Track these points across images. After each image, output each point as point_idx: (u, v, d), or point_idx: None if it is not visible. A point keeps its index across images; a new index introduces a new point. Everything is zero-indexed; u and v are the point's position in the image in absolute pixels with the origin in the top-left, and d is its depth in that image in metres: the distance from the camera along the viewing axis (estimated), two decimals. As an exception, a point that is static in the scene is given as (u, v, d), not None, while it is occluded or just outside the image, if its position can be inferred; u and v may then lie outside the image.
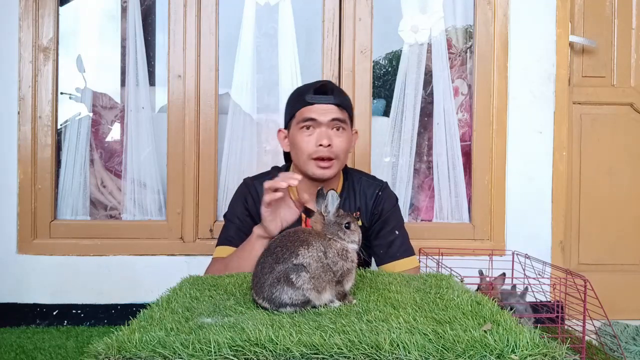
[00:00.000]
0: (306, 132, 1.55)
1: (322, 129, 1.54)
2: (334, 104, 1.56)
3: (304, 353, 0.76)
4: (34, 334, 2.13)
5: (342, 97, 1.61)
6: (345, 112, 1.60)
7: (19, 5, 2.28)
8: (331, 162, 1.56)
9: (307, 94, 1.56)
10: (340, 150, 1.57)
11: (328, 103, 1.55)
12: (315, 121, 1.54)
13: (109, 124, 2.51)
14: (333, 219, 1.07)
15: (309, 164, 1.56)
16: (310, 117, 1.54)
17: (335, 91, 1.59)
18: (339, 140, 1.56)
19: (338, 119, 1.56)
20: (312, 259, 1.00)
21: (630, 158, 2.56)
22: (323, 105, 1.54)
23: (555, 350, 0.77)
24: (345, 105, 1.61)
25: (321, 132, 1.54)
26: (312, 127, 1.55)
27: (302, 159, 1.57)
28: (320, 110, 1.54)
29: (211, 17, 2.36)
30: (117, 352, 0.77)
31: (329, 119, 1.54)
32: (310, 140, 1.54)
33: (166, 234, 2.35)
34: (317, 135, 1.54)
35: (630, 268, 2.55)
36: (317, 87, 1.57)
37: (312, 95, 1.55)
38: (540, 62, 2.44)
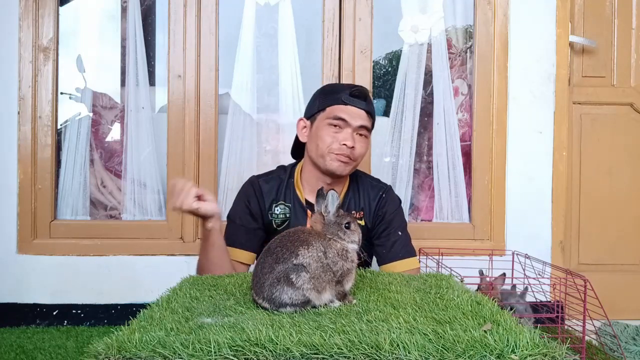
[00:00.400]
0: (334, 129, 1.60)
1: (349, 130, 1.59)
2: (366, 111, 1.62)
3: (304, 353, 0.76)
4: (34, 334, 2.13)
5: (372, 105, 1.67)
6: (372, 120, 1.66)
7: (19, 5, 2.28)
8: (349, 161, 1.61)
9: (343, 93, 1.61)
10: (359, 155, 1.63)
11: (361, 108, 1.60)
12: (346, 122, 1.59)
13: (109, 124, 2.51)
14: (333, 219, 1.07)
15: (328, 157, 1.59)
16: (342, 117, 1.59)
17: (369, 99, 1.65)
18: (360, 145, 1.62)
19: (365, 126, 1.62)
20: (312, 259, 1.00)
21: (630, 158, 2.56)
22: (356, 109, 1.59)
23: (555, 350, 0.77)
24: (373, 115, 1.67)
25: (347, 133, 1.59)
26: (340, 126, 1.60)
27: (321, 151, 1.61)
28: (352, 113, 1.59)
29: (211, 17, 2.36)
30: (117, 352, 0.77)
31: (358, 124, 1.60)
32: (337, 137, 1.59)
33: (166, 234, 2.35)
34: (344, 135, 1.59)
35: (630, 268, 2.55)
36: (354, 90, 1.62)
37: (348, 96, 1.60)
38: (540, 62, 2.44)
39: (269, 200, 1.66)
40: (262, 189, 1.66)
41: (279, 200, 1.66)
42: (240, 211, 1.66)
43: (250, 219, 1.65)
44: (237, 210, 1.67)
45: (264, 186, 1.66)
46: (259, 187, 1.66)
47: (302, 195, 1.66)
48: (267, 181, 1.68)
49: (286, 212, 1.65)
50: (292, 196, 1.66)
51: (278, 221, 1.66)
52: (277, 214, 1.65)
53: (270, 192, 1.66)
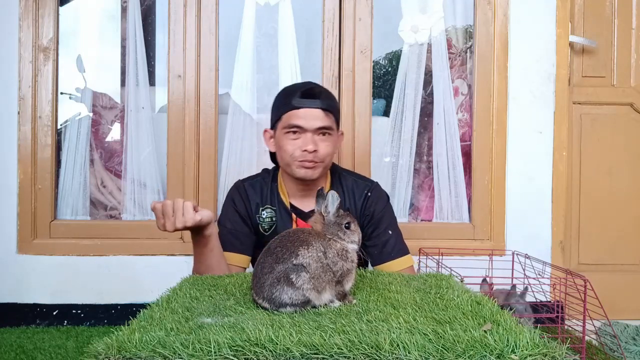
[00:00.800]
0: (292, 136, 1.55)
1: (308, 135, 1.54)
2: (321, 109, 1.54)
3: (304, 353, 0.76)
4: (34, 334, 2.13)
5: (329, 100, 1.59)
6: (332, 116, 1.58)
7: (19, 5, 2.28)
8: (316, 165, 1.56)
9: (294, 97, 1.55)
10: (325, 155, 1.57)
11: (314, 107, 1.53)
12: (301, 128, 1.54)
13: (109, 124, 2.51)
14: (333, 219, 1.07)
15: (293, 166, 1.56)
16: (297, 124, 1.54)
17: (322, 95, 1.57)
18: (324, 145, 1.56)
19: (324, 127, 1.55)
20: (312, 259, 1.00)
21: (630, 158, 2.55)
22: (309, 110, 1.53)
23: (555, 350, 0.77)
24: (332, 109, 1.59)
25: (307, 138, 1.53)
26: (298, 132, 1.55)
27: (286, 161, 1.58)
28: (306, 116, 1.53)
29: (211, 17, 2.36)
30: (117, 352, 0.77)
31: (315, 126, 1.54)
32: (296, 144, 1.54)
33: (166, 234, 2.34)
34: (303, 141, 1.54)
35: (630, 268, 2.55)
36: (304, 91, 1.56)
37: (298, 99, 1.54)
38: (540, 62, 2.44)
39: (255, 204, 1.64)
40: (247, 192, 1.65)
41: (265, 204, 1.65)
42: (230, 216, 1.65)
43: (241, 222, 1.64)
44: (227, 214, 1.66)
45: (250, 190, 1.65)
46: (245, 191, 1.65)
47: (286, 199, 1.65)
48: (252, 185, 1.67)
49: (272, 215, 1.64)
50: (277, 200, 1.65)
51: (265, 225, 1.65)
52: (264, 218, 1.64)
53: (255, 196, 1.65)
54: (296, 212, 1.64)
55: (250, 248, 1.64)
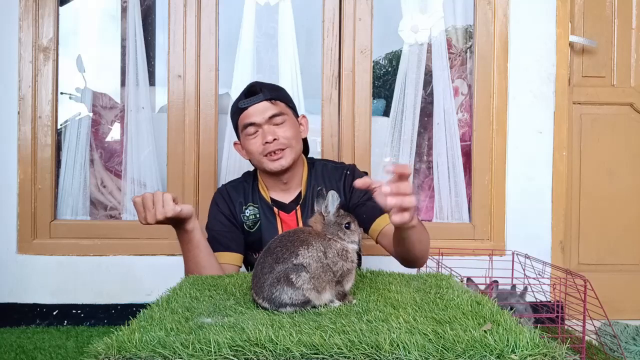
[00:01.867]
0: (251, 136, 1.62)
1: (264, 127, 1.60)
2: (265, 100, 1.61)
3: (304, 353, 0.76)
4: (34, 334, 2.13)
5: (272, 91, 1.65)
6: (279, 103, 1.64)
7: (19, 5, 2.28)
8: (283, 152, 1.60)
9: (239, 101, 1.63)
10: (287, 139, 1.61)
11: (259, 102, 1.60)
12: (255, 124, 1.60)
13: (109, 124, 2.51)
14: (333, 219, 1.07)
15: (263, 161, 1.61)
16: (249, 122, 1.60)
17: (264, 88, 1.64)
18: (282, 130, 1.61)
19: (274, 114, 1.61)
20: (312, 259, 1.00)
21: (630, 158, 2.56)
22: (255, 105, 1.60)
23: (555, 350, 0.77)
24: (277, 97, 1.65)
25: (264, 131, 1.60)
26: (255, 130, 1.61)
27: (256, 159, 1.64)
28: (254, 112, 1.60)
29: (211, 17, 2.36)
30: (117, 352, 0.77)
31: (266, 117, 1.60)
32: (257, 141, 1.61)
33: (166, 234, 2.35)
34: (261, 136, 1.60)
35: (630, 268, 2.55)
36: (246, 91, 1.64)
37: (242, 100, 1.62)
38: (540, 62, 2.44)
39: (238, 204, 1.68)
40: (230, 194, 1.69)
41: (247, 203, 1.68)
42: (217, 219, 1.68)
43: (228, 222, 1.67)
44: (213, 218, 1.69)
45: (232, 192, 1.70)
46: (227, 193, 1.70)
47: (266, 195, 1.68)
48: (234, 187, 1.72)
49: (256, 212, 1.67)
50: (259, 197, 1.69)
51: (250, 223, 1.68)
52: (248, 216, 1.68)
53: (238, 196, 1.69)
54: (277, 206, 1.67)
55: (241, 246, 1.66)
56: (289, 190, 1.67)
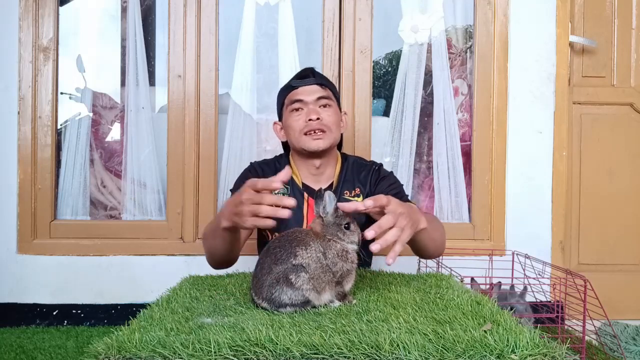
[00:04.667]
0: (296, 113, 1.65)
1: (310, 107, 1.64)
2: (317, 84, 1.66)
3: (304, 353, 0.76)
4: (34, 334, 2.13)
5: (324, 78, 1.71)
6: (328, 89, 1.69)
7: (19, 5, 2.28)
8: (323, 134, 1.62)
9: (291, 81, 1.69)
10: (329, 123, 1.64)
11: (311, 84, 1.65)
12: (302, 102, 1.64)
13: (109, 124, 2.51)
14: (332, 220, 1.07)
15: (302, 139, 1.62)
16: (297, 98, 1.64)
17: (317, 74, 1.70)
18: (326, 114, 1.64)
19: (322, 96, 1.65)
20: (311, 259, 1.00)
21: (630, 158, 2.55)
22: (307, 87, 1.65)
23: (555, 350, 0.77)
24: (328, 85, 1.70)
25: (309, 110, 1.63)
26: (301, 108, 1.64)
27: (295, 137, 1.64)
28: (304, 92, 1.65)
29: (211, 17, 2.36)
30: (117, 352, 0.77)
31: (314, 97, 1.64)
32: (301, 117, 1.63)
33: (166, 234, 2.35)
34: (306, 113, 1.63)
35: (630, 268, 2.55)
36: (300, 73, 1.70)
37: (295, 80, 1.67)
38: (540, 62, 2.44)
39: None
40: (262, 169, 1.70)
41: None
42: (243, 180, 1.59)
43: None
44: (240, 179, 1.67)
45: (265, 167, 1.71)
46: (260, 168, 1.71)
47: (298, 180, 1.68)
48: (266, 163, 1.73)
49: (285, 192, 1.66)
50: (291, 179, 1.68)
51: None
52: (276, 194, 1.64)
53: (270, 173, 1.67)
54: (308, 192, 1.66)
55: None
56: (321, 178, 1.68)
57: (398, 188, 1.68)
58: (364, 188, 1.68)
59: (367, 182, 1.69)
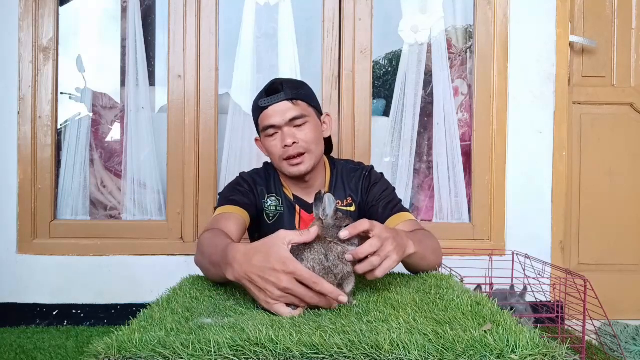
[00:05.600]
0: (271, 138, 1.56)
1: (284, 130, 1.53)
2: (286, 100, 1.53)
3: (304, 353, 0.76)
4: (34, 334, 2.13)
5: (294, 89, 1.56)
6: (301, 103, 1.56)
7: (19, 5, 2.28)
8: (302, 158, 1.55)
9: (260, 99, 1.55)
10: (307, 142, 1.55)
11: (280, 101, 1.52)
12: (274, 126, 1.54)
13: (109, 124, 2.51)
14: (332, 222, 1.07)
15: (283, 165, 1.56)
16: (269, 124, 1.53)
17: (285, 86, 1.55)
18: (302, 134, 1.54)
19: (295, 116, 1.53)
20: (314, 262, 1.00)
21: (630, 158, 2.56)
22: (276, 105, 1.52)
23: (555, 350, 0.77)
24: (299, 97, 1.56)
25: (283, 134, 1.53)
26: (275, 131, 1.54)
27: (276, 162, 1.59)
28: (274, 113, 1.52)
29: (211, 17, 2.36)
30: (117, 352, 0.77)
31: (286, 119, 1.52)
32: (277, 144, 1.55)
33: (166, 234, 2.35)
34: (280, 138, 1.54)
35: (630, 268, 2.55)
36: (266, 89, 1.56)
37: (263, 99, 1.54)
38: (540, 62, 2.44)
39: (260, 189, 1.62)
40: (254, 179, 1.63)
41: (270, 192, 1.63)
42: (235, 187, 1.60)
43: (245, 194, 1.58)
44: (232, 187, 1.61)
45: (256, 177, 1.64)
46: (252, 179, 1.64)
47: (289, 192, 1.65)
48: (257, 173, 1.67)
49: (277, 204, 1.62)
50: (281, 191, 1.64)
51: (270, 213, 1.62)
52: (269, 206, 1.62)
53: (262, 182, 1.63)
54: (300, 204, 1.64)
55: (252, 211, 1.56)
56: (311, 190, 1.62)
57: (390, 196, 1.62)
58: (355, 196, 1.64)
59: (358, 190, 1.64)
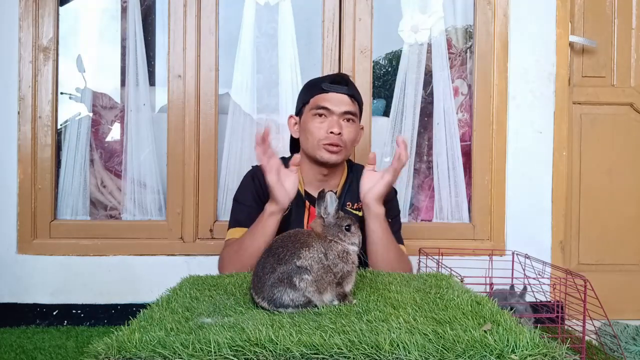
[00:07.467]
0: (319, 119, 1.61)
1: (334, 118, 1.60)
2: (348, 95, 1.62)
3: (304, 353, 0.76)
4: (34, 334, 2.13)
5: (356, 90, 1.67)
6: (357, 104, 1.66)
7: (19, 5, 2.28)
8: (339, 149, 1.61)
9: (324, 82, 1.63)
10: (348, 140, 1.63)
11: (342, 93, 1.61)
12: (329, 110, 1.60)
13: (109, 124, 2.51)
14: (333, 221, 1.07)
15: (319, 149, 1.61)
16: (325, 105, 1.60)
17: (350, 83, 1.66)
18: (348, 130, 1.62)
19: (350, 111, 1.62)
20: (313, 260, 1.00)
21: (630, 158, 2.55)
22: (337, 95, 1.61)
23: (555, 350, 0.77)
24: (357, 98, 1.67)
25: (333, 121, 1.60)
26: (325, 115, 1.61)
27: (312, 143, 1.63)
28: (334, 100, 1.60)
29: (211, 17, 2.36)
30: (117, 352, 0.77)
31: (342, 110, 1.61)
32: (322, 127, 1.60)
33: (166, 234, 2.35)
34: (329, 123, 1.60)
35: (630, 268, 2.55)
36: (334, 77, 1.65)
37: (328, 84, 1.62)
38: (540, 62, 2.44)
39: None
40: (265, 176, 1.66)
41: None
42: (248, 195, 1.68)
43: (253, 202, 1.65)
44: (245, 193, 1.69)
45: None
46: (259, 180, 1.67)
47: (301, 187, 1.66)
48: None
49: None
50: None
51: None
52: None
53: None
54: (310, 200, 1.65)
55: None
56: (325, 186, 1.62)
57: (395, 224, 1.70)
58: None
59: None
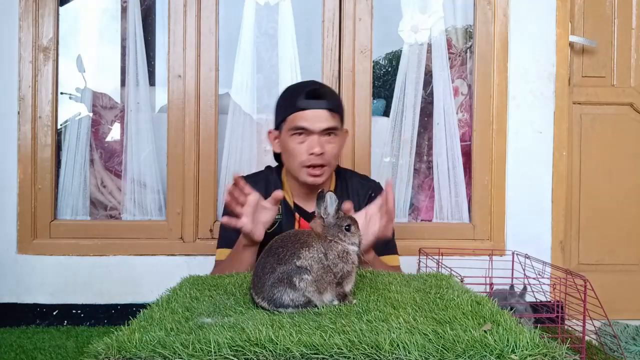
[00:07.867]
0: (298, 138, 1.53)
1: (314, 137, 1.51)
2: (327, 109, 1.52)
3: (304, 353, 0.76)
4: (34, 334, 2.13)
5: (334, 100, 1.57)
6: (337, 116, 1.56)
7: (19, 5, 2.28)
8: (323, 169, 1.54)
9: (299, 98, 1.52)
10: (331, 157, 1.55)
11: (320, 108, 1.51)
12: (307, 130, 1.51)
13: (109, 124, 2.51)
14: (333, 221, 1.07)
15: (301, 171, 1.54)
16: (302, 125, 1.51)
17: (327, 95, 1.55)
18: (330, 146, 1.54)
19: (329, 127, 1.53)
20: (313, 260, 1.00)
21: (630, 158, 2.55)
22: (315, 111, 1.50)
23: (555, 350, 0.77)
24: (338, 109, 1.57)
25: (313, 141, 1.51)
26: (304, 134, 1.52)
27: (293, 165, 1.56)
28: (312, 118, 1.50)
29: (211, 17, 2.36)
30: (117, 352, 0.77)
31: (321, 128, 1.51)
32: (302, 147, 1.52)
33: (166, 234, 2.35)
34: (309, 144, 1.51)
35: (630, 268, 2.55)
36: (309, 91, 1.53)
37: (303, 100, 1.51)
38: (540, 62, 2.44)
39: None
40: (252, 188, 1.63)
41: None
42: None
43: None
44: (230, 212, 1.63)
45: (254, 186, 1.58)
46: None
47: (290, 199, 1.63)
48: (255, 182, 1.62)
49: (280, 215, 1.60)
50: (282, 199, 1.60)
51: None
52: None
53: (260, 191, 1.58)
54: (300, 212, 1.62)
55: None
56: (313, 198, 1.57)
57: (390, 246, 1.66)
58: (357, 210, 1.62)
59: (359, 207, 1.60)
